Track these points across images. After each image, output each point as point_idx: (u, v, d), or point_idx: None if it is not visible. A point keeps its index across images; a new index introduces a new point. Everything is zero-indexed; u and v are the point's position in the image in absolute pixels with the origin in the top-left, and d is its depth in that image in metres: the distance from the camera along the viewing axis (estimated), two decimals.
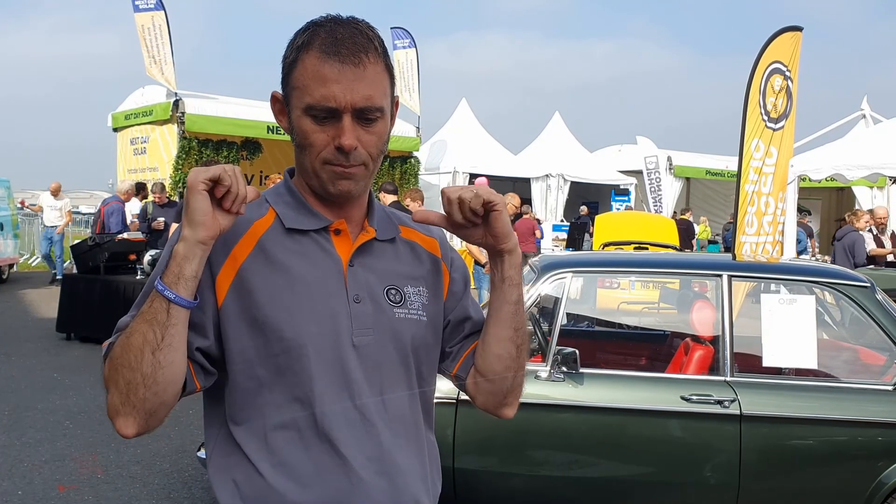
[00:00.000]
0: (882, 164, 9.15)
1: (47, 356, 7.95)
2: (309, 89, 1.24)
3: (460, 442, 3.40)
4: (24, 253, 17.61)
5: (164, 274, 1.18)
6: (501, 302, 1.37)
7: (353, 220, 1.36)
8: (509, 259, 1.36)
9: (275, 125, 12.42)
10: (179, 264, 1.17)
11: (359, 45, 1.24)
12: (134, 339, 1.16)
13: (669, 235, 9.67)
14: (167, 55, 12.10)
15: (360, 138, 1.26)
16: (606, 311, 7.09)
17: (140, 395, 1.17)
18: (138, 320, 1.17)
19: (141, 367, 1.16)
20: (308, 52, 1.25)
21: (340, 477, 1.25)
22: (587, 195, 19.42)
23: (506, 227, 1.33)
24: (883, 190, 14.99)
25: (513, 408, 1.44)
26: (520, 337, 1.38)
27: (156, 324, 1.16)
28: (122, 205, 10.96)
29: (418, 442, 1.37)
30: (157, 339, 1.16)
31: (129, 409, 1.18)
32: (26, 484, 4.43)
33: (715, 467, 3.38)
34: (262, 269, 1.26)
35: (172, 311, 1.16)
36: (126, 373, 1.17)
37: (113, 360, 1.19)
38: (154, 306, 1.17)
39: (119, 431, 1.21)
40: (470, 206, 1.28)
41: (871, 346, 4.09)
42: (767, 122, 7.63)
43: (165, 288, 1.16)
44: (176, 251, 1.18)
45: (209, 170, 1.17)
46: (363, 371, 1.28)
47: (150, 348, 1.16)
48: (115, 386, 1.18)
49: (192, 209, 1.16)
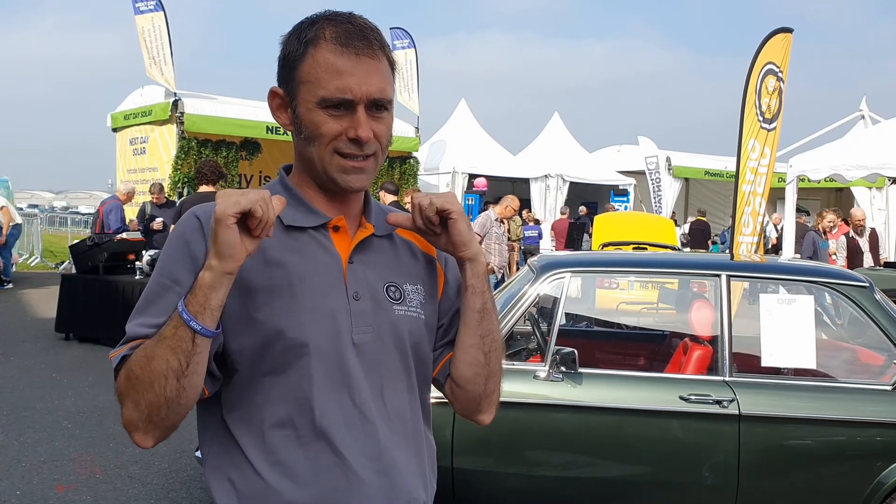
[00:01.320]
0: (881, 164, 9.15)
1: (46, 356, 7.94)
2: (322, 82, 1.24)
3: (459, 442, 3.40)
4: (23, 253, 17.61)
5: (189, 301, 1.15)
6: (466, 308, 1.37)
7: (351, 215, 1.36)
8: (471, 267, 1.35)
9: (274, 125, 12.40)
10: (206, 294, 1.15)
11: (369, 38, 1.26)
12: (157, 364, 1.15)
13: (668, 236, 9.67)
14: (167, 56, 12.09)
15: (373, 129, 1.27)
16: (605, 311, 7.09)
17: (162, 415, 1.18)
18: (161, 346, 1.15)
19: (165, 393, 1.16)
20: (318, 46, 1.25)
21: (338, 475, 1.24)
22: (586, 195, 19.42)
23: (462, 235, 1.32)
24: (882, 190, 15.01)
25: (489, 414, 1.43)
26: (487, 344, 1.37)
27: (180, 352, 1.15)
28: (121, 204, 10.93)
29: (417, 440, 1.37)
30: (182, 367, 1.15)
31: (150, 427, 1.19)
32: (25, 484, 4.43)
33: (713, 467, 3.37)
34: (262, 268, 1.26)
35: (198, 340, 1.15)
36: (149, 396, 1.16)
37: (132, 381, 1.17)
38: (179, 334, 1.15)
39: (138, 444, 1.22)
40: (426, 212, 1.29)
41: (870, 347, 4.09)
42: (762, 123, 7.65)
43: (192, 318, 1.15)
44: (202, 280, 1.16)
45: (240, 202, 1.14)
46: (363, 369, 1.28)
47: (174, 375, 1.15)
48: (134, 405, 1.18)
49: (220, 242, 1.14)
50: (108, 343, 8.48)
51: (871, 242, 9.79)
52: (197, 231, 1.26)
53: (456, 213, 1.30)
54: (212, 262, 1.16)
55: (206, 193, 7.04)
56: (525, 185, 18.13)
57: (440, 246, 1.35)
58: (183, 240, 1.27)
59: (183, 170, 11.78)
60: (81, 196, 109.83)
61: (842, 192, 18.63)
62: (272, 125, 12.43)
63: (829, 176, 9.80)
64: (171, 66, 12.11)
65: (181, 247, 1.26)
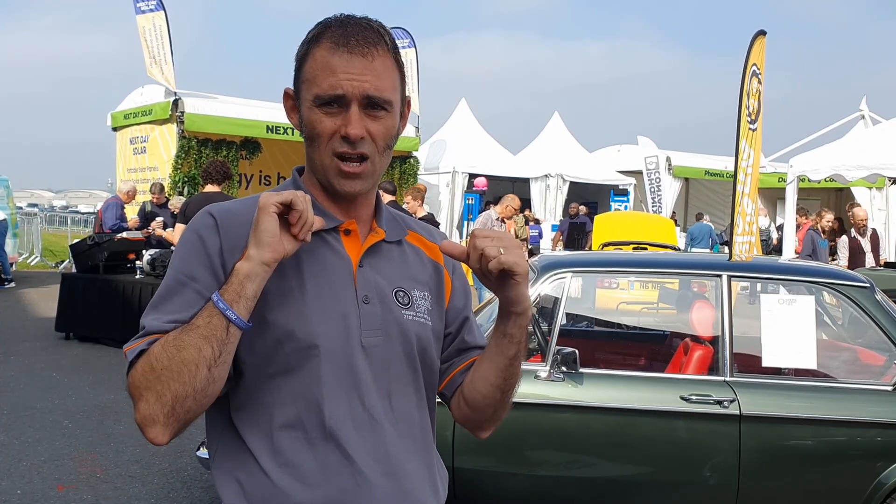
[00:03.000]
0: (881, 164, 9.16)
1: (46, 355, 7.94)
2: (318, 80, 1.25)
3: (459, 442, 3.40)
4: (23, 252, 17.61)
5: (224, 290, 1.16)
6: (499, 352, 1.35)
7: (362, 219, 1.36)
8: (516, 320, 1.32)
9: (274, 125, 12.40)
10: (242, 283, 1.16)
11: (368, 38, 1.26)
12: (188, 353, 1.14)
13: (668, 235, 9.68)
14: (167, 55, 12.09)
15: (368, 128, 1.26)
16: (606, 311, 7.09)
17: (187, 407, 1.16)
18: (192, 335, 1.15)
19: (194, 383, 1.15)
20: (318, 45, 1.27)
21: (346, 477, 1.24)
22: (586, 195, 19.41)
23: (521, 295, 1.29)
24: (882, 190, 15.01)
25: (488, 432, 1.46)
26: (508, 384, 1.37)
27: (214, 340, 1.15)
28: (121, 202, 10.91)
29: (426, 446, 1.37)
30: (215, 356, 1.15)
31: (172, 421, 1.17)
32: (25, 483, 4.43)
33: (714, 467, 3.38)
34: (275, 269, 1.25)
35: (231, 330, 1.15)
36: (176, 386, 1.14)
37: (156, 371, 1.15)
38: (213, 322, 1.15)
39: (153, 440, 1.18)
40: (490, 266, 1.23)
41: (871, 347, 4.09)
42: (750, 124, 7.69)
43: (227, 307, 1.15)
44: (239, 269, 1.17)
45: (283, 194, 1.18)
46: (371, 372, 1.28)
47: (206, 364, 1.14)
48: (156, 397, 1.15)
49: (260, 229, 1.16)
50: (108, 342, 8.48)
51: (872, 243, 9.79)
52: (211, 228, 1.26)
53: (521, 276, 1.25)
54: (250, 251, 1.17)
55: (211, 193, 7.00)
56: (525, 185, 18.12)
57: (489, 286, 1.29)
58: (197, 236, 1.26)
59: (183, 169, 11.78)
60: (81, 195, 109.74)
61: (842, 193, 18.62)
62: (272, 125, 12.43)
63: (830, 176, 9.81)
64: (171, 66, 12.11)
65: (196, 243, 1.26)
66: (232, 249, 1.24)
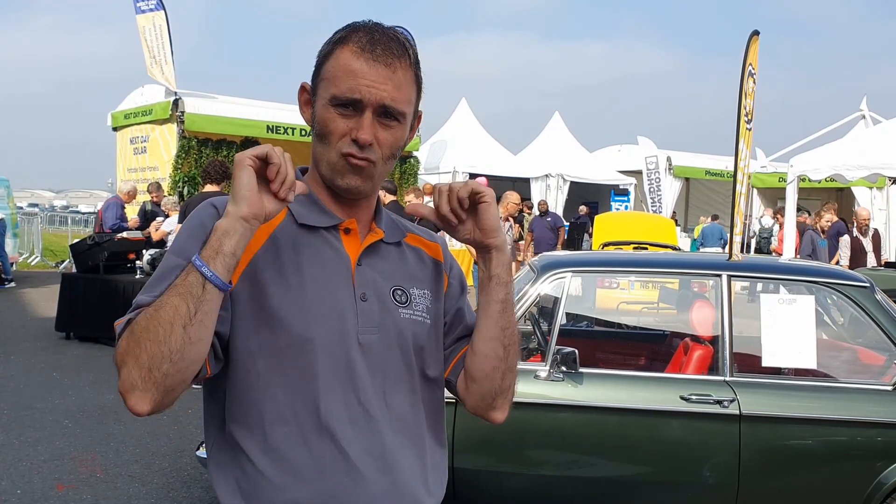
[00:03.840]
0: (882, 164, 9.16)
1: (46, 355, 7.94)
2: (337, 81, 1.27)
3: (459, 441, 3.41)
4: (23, 252, 17.61)
5: (203, 249, 1.15)
6: (489, 300, 1.36)
7: (362, 220, 1.37)
8: (497, 256, 1.35)
9: (274, 124, 12.42)
10: (219, 239, 1.14)
11: (393, 49, 1.28)
12: (164, 311, 1.11)
13: (669, 235, 9.67)
14: (167, 55, 12.10)
15: (377, 135, 1.28)
16: (606, 311, 7.09)
17: (163, 371, 1.11)
18: (170, 293, 1.12)
19: (169, 342, 1.10)
20: (343, 47, 1.28)
21: (341, 473, 1.25)
22: (587, 195, 19.42)
23: (494, 220, 1.33)
24: (882, 190, 15.01)
25: (503, 412, 1.43)
26: (507, 337, 1.36)
27: (189, 297, 1.12)
28: (122, 202, 10.92)
29: (420, 444, 1.37)
30: (190, 314, 1.11)
31: (149, 385, 1.12)
32: (25, 483, 4.43)
33: (714, 467, 3.38)
34: (273, 263, 1.27)
35: (208, 287, 1.13)
36: (151, 346, 1.10)
37: (135, 334, 1.12)
38: (189, 280, 1.13)
39: (132, 408, 1.14)
40: (458, 194, 1.30)
41: (871, 347, 4.09)
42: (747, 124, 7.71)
43: (203, 264, 1.13)
44: (217, 226, 1.16)
45: (257, 148, 1.17)
46: (368, 369, 1.29)
47: (181, 322, 1.11)
48: (134, 360, 1.11)
49: (237, 184, 1.16)
50: (108, 342, 8.47)
51: (874, 243, 9.79)
52: (214, 218, 1.26)
53: (489, 196, 1.32)
54: (228, 207, 1.17)
55: (210, 193, 7.04)
56: (526, 185, 18.13)
57: (462, 236, 1.34)
58: (199, 222, 1.27)
59: (183, 169, 11.79)
60: (82, 195, 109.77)
61: (842, 193, 18.62)
62: (272, 124, 12.45)
63: (830, 176, 9.81)
64: (171, 66, 12.12)
65: (197, 228, 1.26)
66: None
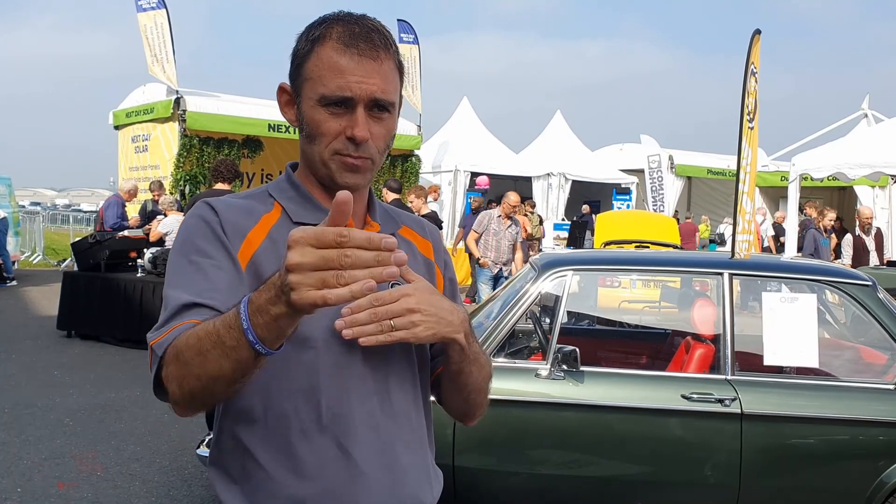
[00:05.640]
0: (884, 163, 9.15)
1: (48, 354, 7.95)
2: (324, 80, 1.25)
3: (460, 440, 3.40)
4: (25, 250, 17.63)
5: (263, 329, 1.03)
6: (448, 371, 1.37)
7: (356, 214, 1.36)
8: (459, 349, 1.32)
9: (276, 123, 12.40)
10: (282, 329, 1.03)
11: (375, 40, 1.26)
12: (210, 367, 1.07)
13: (671, 234, 9.66)
14: (168, 53, 12.09)
15: (371, 130, 1.27)
16: (607, 310, 7.08)
17: (209, 403, 1.16)
18: (222, 356, 1.05)
19: (213, 389, 1.10)
20: (324, 44, 1.26)
21: (342, 470, 1.24)
22: (588, 194, 19.40)
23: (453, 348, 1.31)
24: (885, 189, 14.97)
25: (475, 420, 1.48)
26: (467, 394, 1.40)
27: (238, 368, 1.07)
28: (123, 201, 10.92)
29: (422, 441, 1.37)
30: (236, 377, 1.09)
31: (198, 407, 1.17)
32: (26, 481, 4.43)
33: (715, 466, 3.37)
34: (273, 261, 1.26)
35: (261, 360, 1.07)
36: (200, 391, 1.11)
37: (182, 370, 1.10)
38: (244, 356, 1.05)
39: (178, 414, 1.20)
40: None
41: (873, 345, 4.07)
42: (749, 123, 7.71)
43: (266, 349, 1.04)
44: (279, 315, 1.01)
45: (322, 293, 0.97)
46: (370, 367, 1.28)
47: (225, 381, 1.09)
48: (181, 391, 1.12)
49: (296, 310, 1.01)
50: (109, 341, 8.49)
51: (876, 241, 9.77)
52: (214, 215, 1.26)
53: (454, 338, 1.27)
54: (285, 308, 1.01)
55: (220, 191, 7.06)
56: (527, 184, 18.11)
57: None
58: (203, 222, 1.26)
59: (184, 167, 11.78)
60: (84, 194, 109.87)
61: (844, 191, 18.59)
62: (274, 123, 12.43)
63: (832, 175, 9.80)
64: (173, 64, 12.10)
65: (203, 228, 1.25)
66: (234, 236, 1.25)
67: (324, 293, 0.94)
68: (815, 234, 9.79)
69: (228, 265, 1.23)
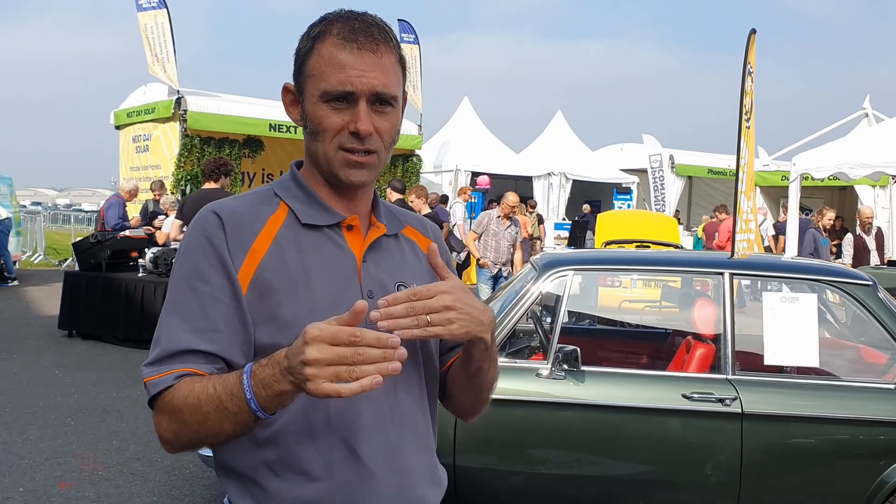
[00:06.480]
0: (885, 162, 9.15)
1: (49, 353, 7.95)
2: (325, 75, 1.25)
3: (461, 440, 3.40)
4: (26, 250, 17.64)
5: (265, 400, 1.10)
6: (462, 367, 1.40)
7: (362, 214, 1.36)
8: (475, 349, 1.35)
9: (277, 123, 12.41)
10: (282, 401, 1.12)
11: (375, 34, 1.27)
12: (210, 425, 1.16)
13: (671, 234, 9.66)
14: (169, 53, 12.10)
15: (375, 124, 1.27)
16: (608, 309, 7.09)
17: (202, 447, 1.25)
18: (224, 419, 1.14)
19: (210, 443, 1.22)
20: (324, 41, 1.26)
21: (349, 471, 1.24)
22: (589, 194, 19.41)
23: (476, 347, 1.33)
24: (886, 189, 14.96)
25: (475, 417, 1.51)
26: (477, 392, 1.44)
27: (239, 427, 1.16)
28: (123, 201, 10.92)
29: (427, 441, 1.37)
30: (235, 433, 1.17)
31: (191, 450, 1.25)
32: (27, 481, 4.44)
33: (716, 465, 3.37)
34: (281, 267, 1.26)
35: (261, 420, 1.15)
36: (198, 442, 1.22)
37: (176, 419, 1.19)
38: (246, 419, 1.13)
39: (168, 452, 1.27)
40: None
41: (873, 345, 4.08)
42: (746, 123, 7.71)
43: (267, 416, 1.13)
44: (283, 391, 1.09)
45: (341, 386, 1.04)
46: None
47: (225, 437, 1.18)
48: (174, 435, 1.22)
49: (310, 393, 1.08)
50: (111, 340, 8.49)
51: (877, 241, 9.76)
52: (218, 229, 1.25)
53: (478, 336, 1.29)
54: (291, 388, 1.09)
55: (208, 191, 7.10)
56: (528, 183, 18.12)
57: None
58: (205, 238, 1.25)
59: (186, 167, 11.79)
60: (85, 193, 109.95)
61: (845, 191, 18.58)
62: (275, 123, 12.44)
63: (833, 174, 9.79)
64: (173, 64, 12.11)
65: (205, 247, 1.25)
66: (237, 251, 1.24)
67: (338, 387, 1.02)
68: (815, 233, 9.78)
69: (228, 293, 1.23)
